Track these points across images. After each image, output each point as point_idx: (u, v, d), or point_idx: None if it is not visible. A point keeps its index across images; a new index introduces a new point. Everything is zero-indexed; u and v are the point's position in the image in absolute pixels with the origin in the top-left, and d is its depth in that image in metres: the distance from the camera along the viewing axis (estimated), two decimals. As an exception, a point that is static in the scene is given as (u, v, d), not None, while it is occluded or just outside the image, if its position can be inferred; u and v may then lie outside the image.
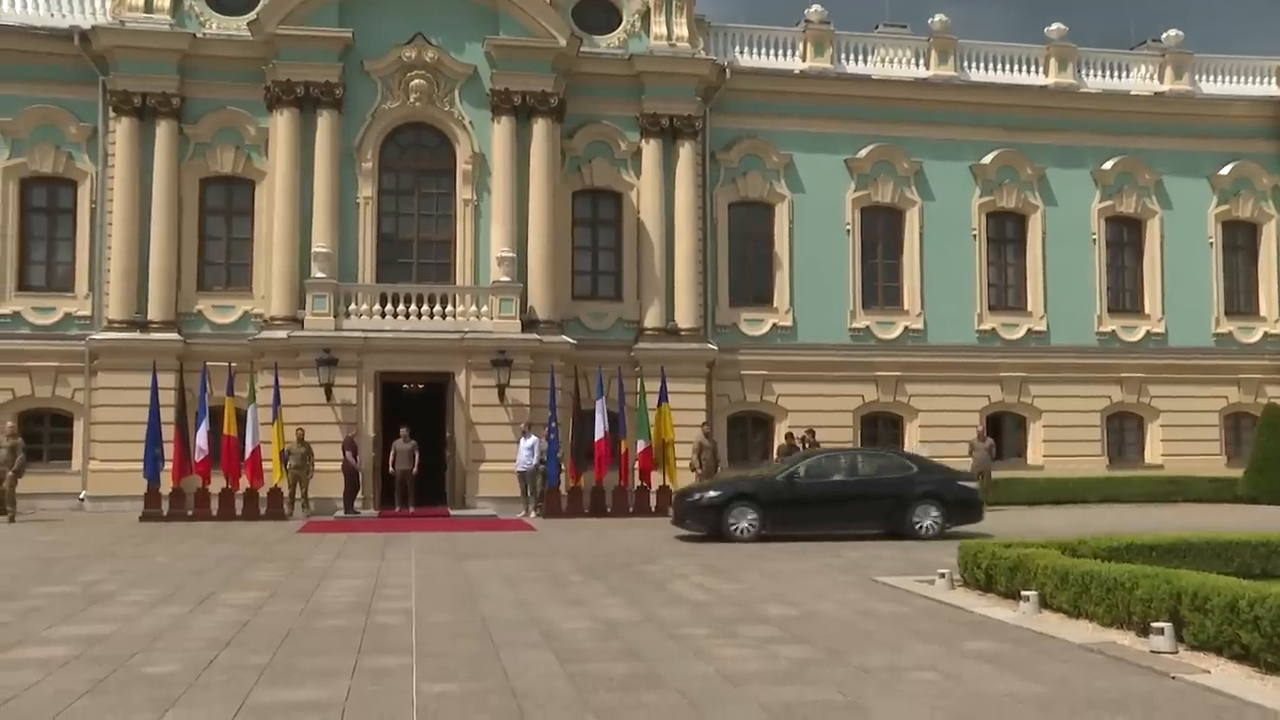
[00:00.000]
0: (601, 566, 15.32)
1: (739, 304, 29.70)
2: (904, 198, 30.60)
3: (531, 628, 10.23)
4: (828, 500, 19.38)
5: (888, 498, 19.41)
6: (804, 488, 19.39)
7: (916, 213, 30.63)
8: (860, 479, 19.83)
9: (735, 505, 18.99)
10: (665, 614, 11.06)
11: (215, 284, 27.49)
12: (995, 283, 31.30)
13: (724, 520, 18.87)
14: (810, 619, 10.73)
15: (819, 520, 19.22)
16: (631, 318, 28.75)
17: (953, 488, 19.82)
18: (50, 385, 26.59)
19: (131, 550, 17.67)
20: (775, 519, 19.07)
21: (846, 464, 20.26)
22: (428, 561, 15.95)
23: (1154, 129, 31.92)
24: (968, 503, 19.88)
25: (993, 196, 31.08)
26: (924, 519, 19.32)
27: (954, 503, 19.61)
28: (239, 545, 18.39)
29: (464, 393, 26.44)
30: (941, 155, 30.70)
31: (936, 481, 19.78)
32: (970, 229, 30.89)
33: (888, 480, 19.75)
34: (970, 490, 20.14)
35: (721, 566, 15.19)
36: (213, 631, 10.04)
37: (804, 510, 19.25)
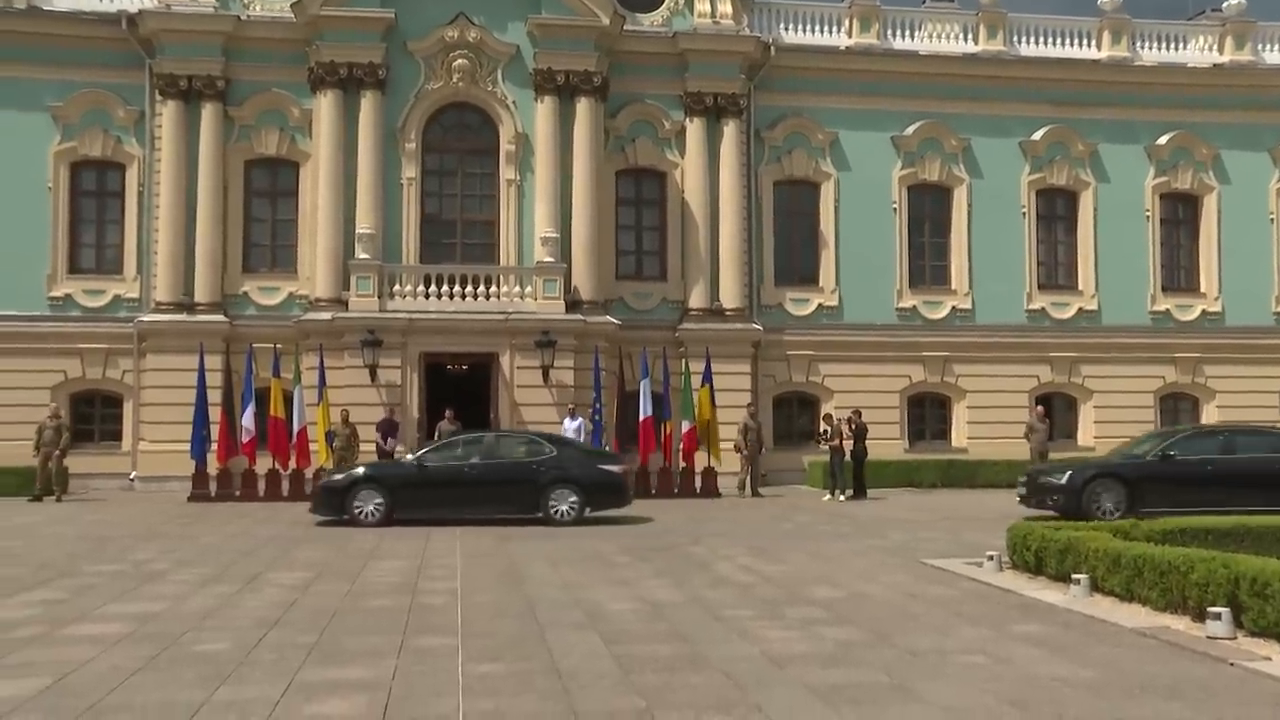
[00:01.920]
0: (646, 548, 15.36)
1: (784, 284, 29.61)
2: (952, 175, 30.33)
3: (576, 608, 10.28)
4: (457, 484, 18.96)
5: (522, 482, 19.05)
6: (434, 471, 19.02)
7: (964, 190, 30.35)
8: (493, 462, 19.39)
9: (362, 488, 18.71)
10: (710, 595, 11.09)
11: (260, 266, 27.78)
12: (1045, 261, 30.98)
13: (349, 501, 18.62)
14: (856, 601, 10.72)
15: (448, 504, 18.86)
16: (676, 298, 28.74)
17: (592, 471, 19.28)
18: (100, 367, 27.03)
19: (180, 530, 17.94)
20: (403, 502, 18.73)
21: (482, 447, 19.82)
22: (472, 543, 16.05)
23: (1212, 102, 31.31)
24: (609, 486, 19.30)
25: (1043, 173, 30.72)
26: (560, 503, 18.89)
27: (593, 487, 19.07)
28: (285, 526, 18.64)
29: (508, 374, 26.56)
30: (990, 132, 30.37)
31: (574, 465, 19.25)
32: (1019, 206, 30.57)
33: (522, 464, 19.31)
34: (611, 474, 19.44)
35: (766, 548, 15.19)
36: (261, 610, 10.19)
37: (432, 493, 18.83)
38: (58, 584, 11.92)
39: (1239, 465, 18.88)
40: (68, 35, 27.25)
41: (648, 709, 6.76)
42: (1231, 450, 19.29)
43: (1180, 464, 18.91)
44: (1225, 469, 18.78)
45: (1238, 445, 19.52)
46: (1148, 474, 18.85)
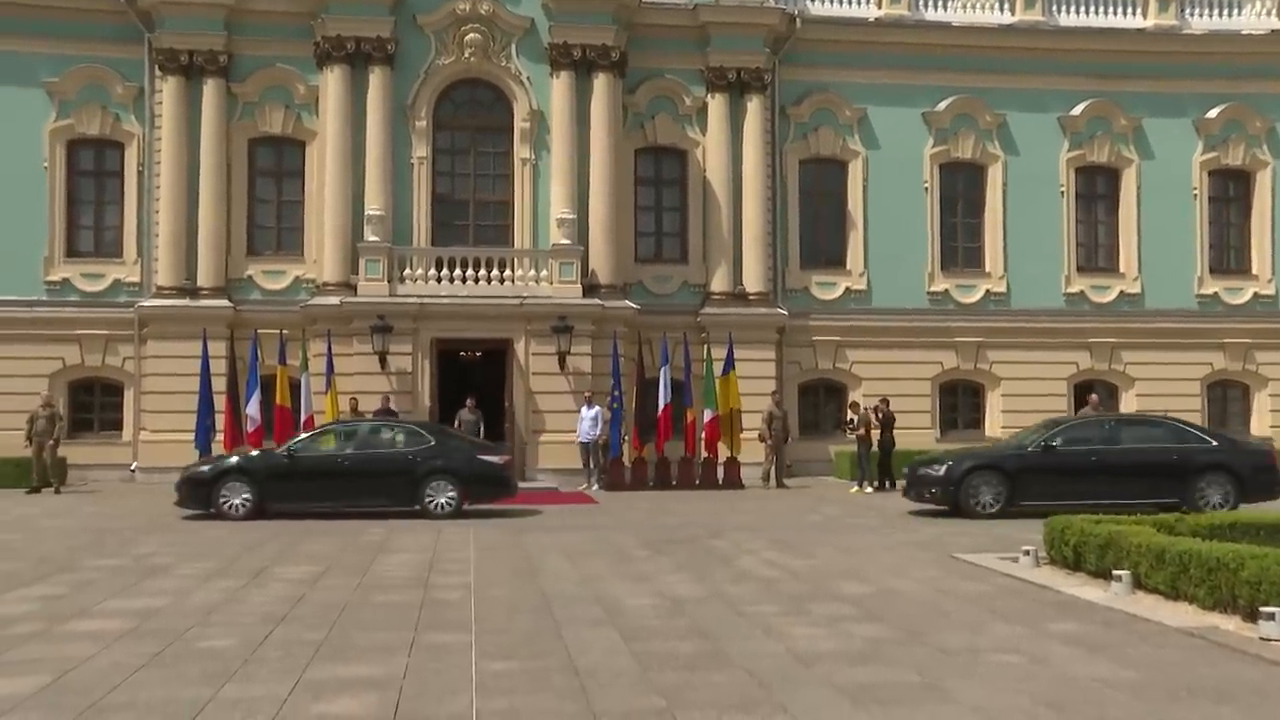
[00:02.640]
0: (666, 541, 15.40)
1: (810, 267, 29.53)
2: (986, 153, 30.15)
3: (594, 604, 10.32)
4: (331, 475, 18.96)
5: (398, 473, 19.01)
6: (306, 462, 18.98)
7: (999, 169, 30.17)
8: (368, 453, 19.36)
9: (230, 480, 18.74)
10: (733, 590, 11.11)
11: (265, 248, 27.85)
12: (1084, 242, 30.74)
13: (215, 494, 18.64)
14: (886, 597, 10.72)
15: (321, 496, 18.83)
16: (697, 281, 28.71)
17: (472, 462, 19.27)
18: (100, 354, 27.14)
19: (183, 523, 18.07)
20: (274, 494, 18.73)
21: (357, 437, 19.79)
22: (486, 536, 16.12)
23: (1268, 71, 30.77)
24: (489, 478, 19.28)
25: (1082, 150, 30.49)
26: (438, 495, 18.88)
27: (472, 478, 19.07)
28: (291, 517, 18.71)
29: (523, 360, 26.60)
30: (1027, 107, 30.13)
31: (453, 455, 19.22)
32: (1058, 185, 30.37)
33: (398, 454, 19.27)
34: (491, 465, 19.41)
35: (791, 541, 15.19)
36: (267, 606, 10.25)
37: (304, 485, 18.80)
38: (57, 579, 12.02)
39: (1123, 455, 18.95)
40: (63, 7, 27.22)
41: (668, 709, 6.78)
42: (1116, 440, 19.35)
43: (1063, 455, 18.92)
44: (1110, 460, 18.86)
45: (1123, 435, 19.58)
46: (1029, 466, 18.83)
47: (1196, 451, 19.00)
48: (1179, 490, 18.52)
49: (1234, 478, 18.70)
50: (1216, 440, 19.58)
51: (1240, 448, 19.79)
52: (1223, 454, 19.06)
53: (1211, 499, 18.55)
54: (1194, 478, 18.65)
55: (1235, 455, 19.17)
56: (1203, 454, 18.96)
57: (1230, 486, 18.62)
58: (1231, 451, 19.28)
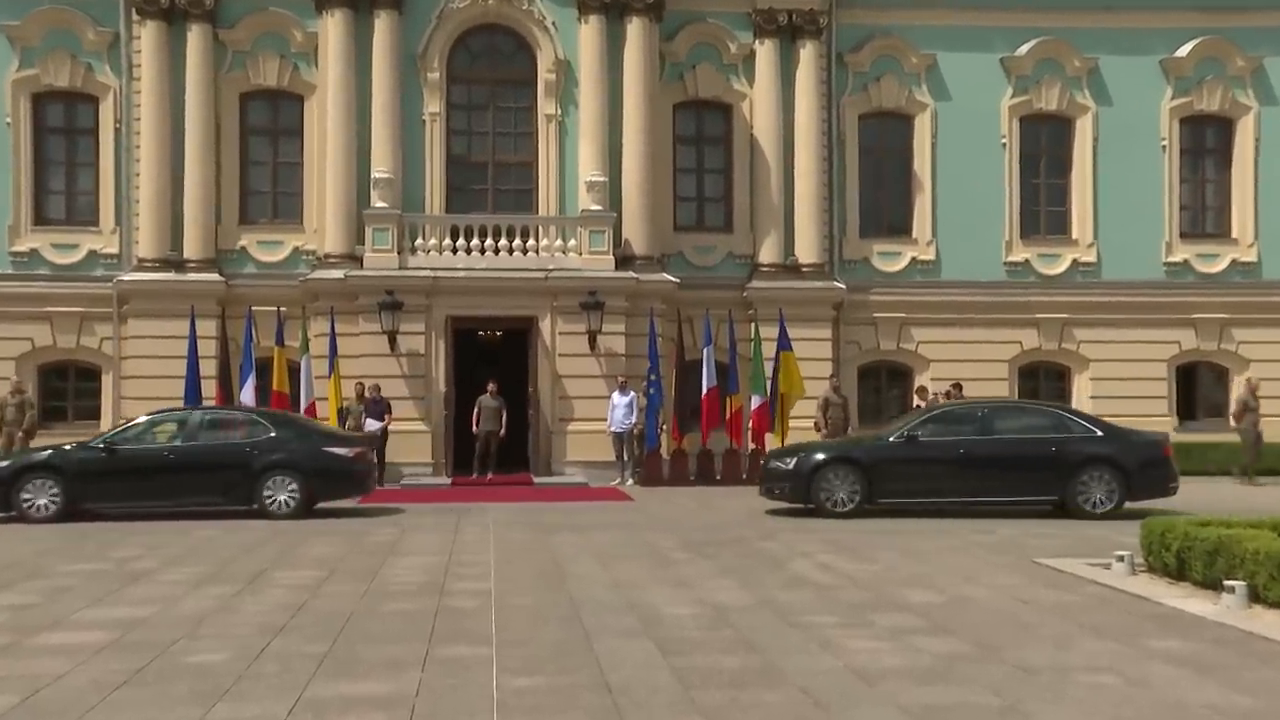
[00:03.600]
0: (709, 542, 15.40)
1: (871, 235, 29.39)
2: (1074, 103, 29.85)
3: (628, 613, 10.32)
4: (155, 471, 18.86)
5: (232, 467, 18.94)
6: (126, 457, 18.91)
7: (1089, 121, 29.86)
8: (198, 445, 19.27)
9: (33, 477, 18.61)
10: (785, 598, 11.09)
11: (260, 216, 27.99)
12: (1189, 205, 30.37)
13: (14, 493, 18.54)
14: (958, 606, 10.67)
15: (143, 494, 18.77)
16: (744, 252, 28.64)
17: (317, 455, 19.15)
18: (74, 334, 27.36)
19: (170, 522, 18.19)
20: (86, 493, 18.68)
21: (186, 428, 19.65)
22: (508, 536, 16.17)
23: None
24: (337, 473, 19.21)
25: (1189, 97, 30.03)
26: (278, 493, 18.80)
27: (317, 473, 18.98)
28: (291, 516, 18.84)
29: (549, 341, 26.63)
30: (1123, 49, 29.73)
31: (295, 447, 19.10)
32: (1158, 139, 29.98)
33: (233, 447, 19.20)
34: (339, 458, 19.32)
35: (852, 544, 15.16)
36: (264, 615, 10.31)
37: (124, 482, 18.71)
38: (26, 586, 12.13)
39: (995, 448, 18.97)
40: (24, -60, 27.39)
41: (713, 731, 6.77)
42: (988, 430, 19.34)
43: (926, 447, 18.95)
44: (979, 452, 18.87)
45: (996, 425, 19.54)
46: (888, 458, 18.91)
47: (1078, 443, 18.95)
48: (1058, 487, 18.61)
49: (1120, 473, 18.69)
50: (1103, 430, 19.44)
51: (1130, 439, 19.61)
52: (1108, 446, 18.96)
53: (1093, 497, 18.60)
54: (1075, 473, 18.64)
55: (1122, 447, 19.02)
56: (1085, 446, 18.91)
57: (1115, 483, 18.64)
58: (1118, 443, 19.13)
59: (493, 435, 25.75)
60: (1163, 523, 12.40)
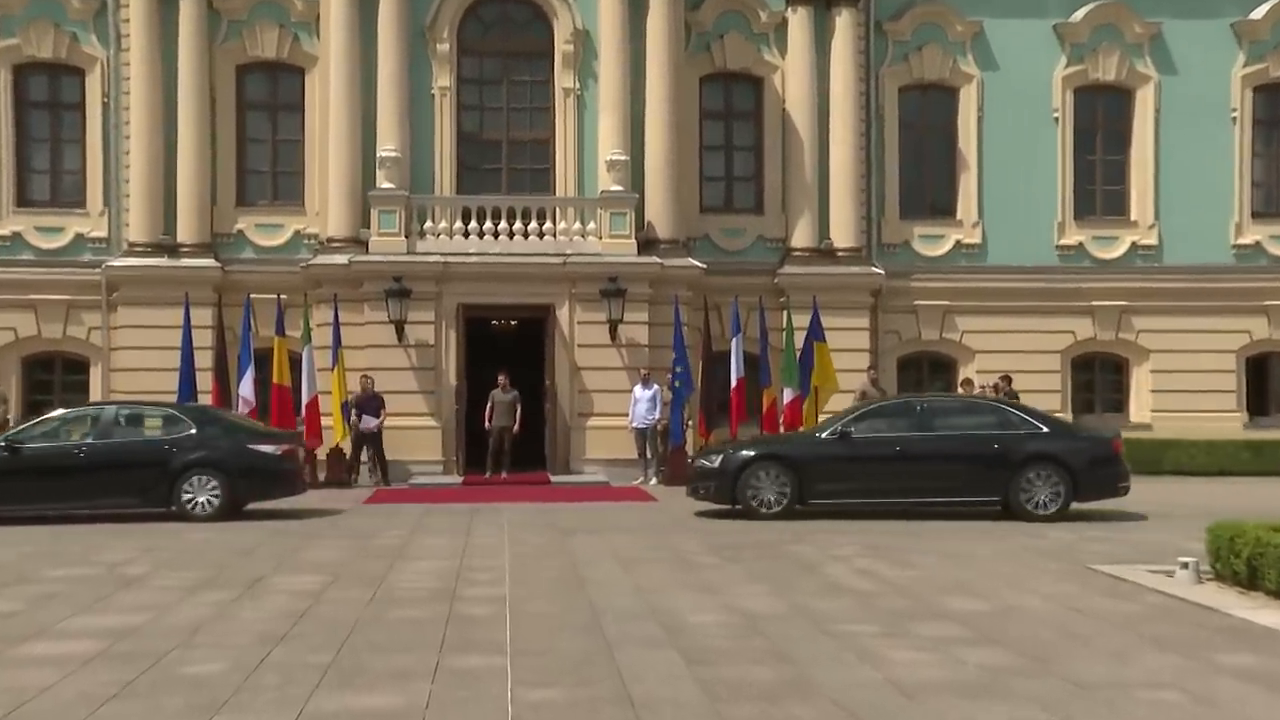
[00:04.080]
0: (738, 546, 15.40)
1: (912, 216, 29.35)
2: (1134, 73, 29.69)
3: (652, 620, 10.33)
4: (63, 471, 18.72)
5: (149, 466, 18.82)
6: (31, 456, 18.80)
7: (1151, 92, 29.70)
8: (111, 443, 19.16)
9: None
10: (819, 605, 11.08)
11: (259, 198, 28.09)
12: (1262, 181, 30.15)
13: None
14: (1005, 616, 10.63)
15: (49, 496, 18.68)
16: (775, 235, 28.62)
17: (241, 452, 19.08)
18: (60, 323, 27.50)
19: (163, 524, 18.24)
20: None
21: (99, 424, 19.55)
22: (524, 539, 16.20)
23: None
24: (263, 472, 19.14)
25: (1264, 64, 29.76)
26: (198, 493, 18.71)
27: (241, 472, 18.90)
28: (293, 518, 18.91)
29: (567, 330, 26.66)
30: (1189, 12, 29.55)
31: (218, 445, 19.02)
32: (1228, 110, 29.78)
33: (150, 444, 19.12)
34: (265, 456, 19.23)
35: (889, 547, 15.14)
36: (264, 623, 10.34)
37: (27, 483, 18.57)
38: (12, 592, 12.18)
39: (934, 445, 19.01)
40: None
41: (742, 748, 6.77)
42: (927, 427, 19.36)
43: (860, 444, 18.98)
44: (917, 450, 18.91)
45: (935, 421, 19.53)
46: (819, 456, 18.98)
47: (1022, 440, 18.92)
48: (1000, 487, 18.61)
49: (1065, 471, 18.64)
50: (1049, 426, 19.43)
51: (1077, 435, 19.69)
52: (1053, 443, 18.95)
53: (1038, 497, 18.56)
54: (1018, 472, 18.62)
55: (1069, 445, 19.05)
56: (1029, 443, 18.88)
57: (1061, 482, 18.59)
58: (1065, 440, 19.15)
59: (506, 431, 25.79)
60: (1231, 527, 12.29)
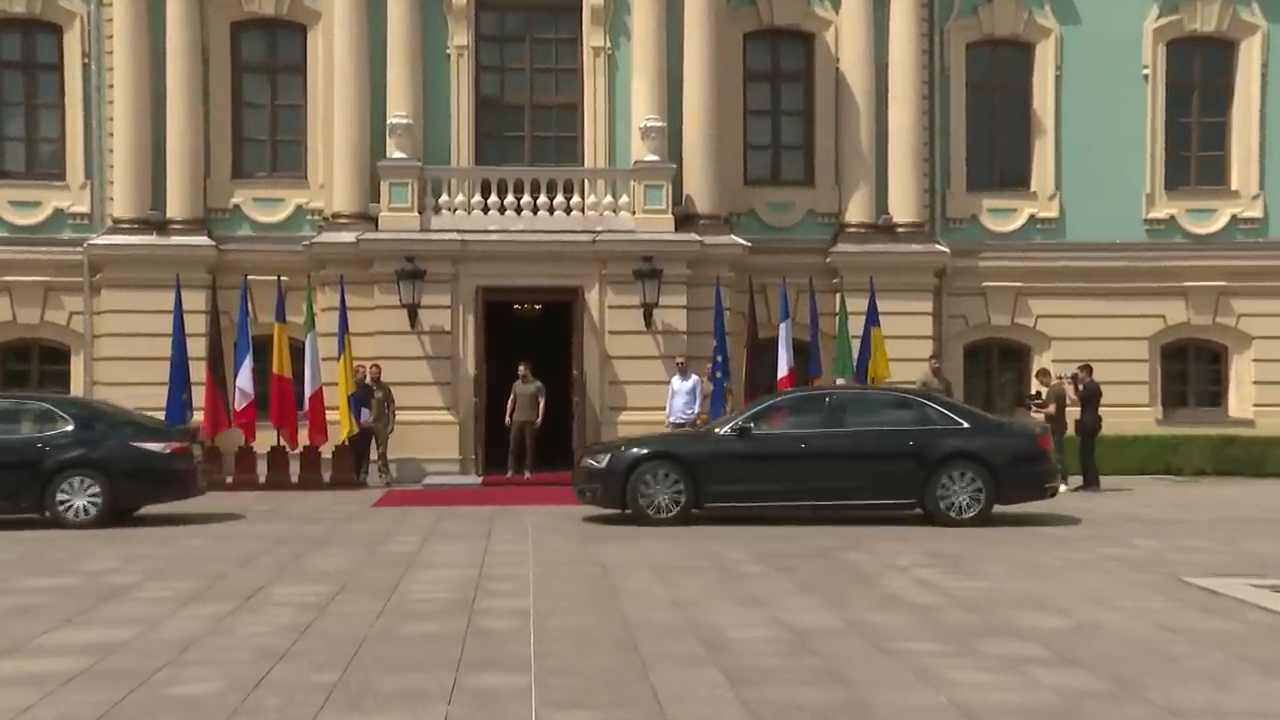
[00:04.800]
0: (787, 553, 15.40)
1: (981, 188, 29.28)
2: (1238, 22, 29.49)
3: (691, 636, 10.34)
4: None
5: (19, 467, 18.52)
6: None
7: (1257, 44, 29.50)
8: None
9: None
10: (877, 620, 11.06)
11: (257, 169, 28.19)
12: (1384, 145, 29.89)
13: None
14: (1086, 633, 10.59)
15: None
16: (828, 209, 28.59)
17: (127, 452, 18.86)
18: (38, 308, 27.65)
19: (152, 529, 18.36)
20: None
21: None
22: (550, 545, 16.25)
23: None
24: (150, 473, 18.91)
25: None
26: (75, 498, 18.49)
27: (124, 474, 18.70)
28: (296, 522, 19.02)
29: (596, 316, 26.69)
30: (1301, -52, 29.34)
31: (99, 443, 18.83)
32: (1351, 62, 29.52)
33: (20, 444, 18.84)
34: (152, 455, 18.94)
35: (954, 555, 15.12)
36: (263, 638, 10.39)
37: None
38: (-10, 601, 12.29)
39: (844, 443, 19.04)
40: None
41: (792, 777, 6.77)
42: (835, 422, 19.38)
43: (762, 441, 19.06)
44: (826, 448, 18.92)
45: (844, 416, 19.57)
46: (717, 455, 18.98)
47: (940, 436, 19.02)
48: (916, 488, 18.68)
49: (987, 471, 18.72)
50: (970, 421, 19.41)
51: (1001, 431, 19.66)
52: (973, 439, 19.00)
53: (956, 500, 18.57)
54: (935, 472, 18.65)
55: (991, 441, 19.08)
56: (947, 439, 18.97)
57: (982, 483, 18.65)
58: (986, 436, 19.14)
59: (528, 426, 25.85)
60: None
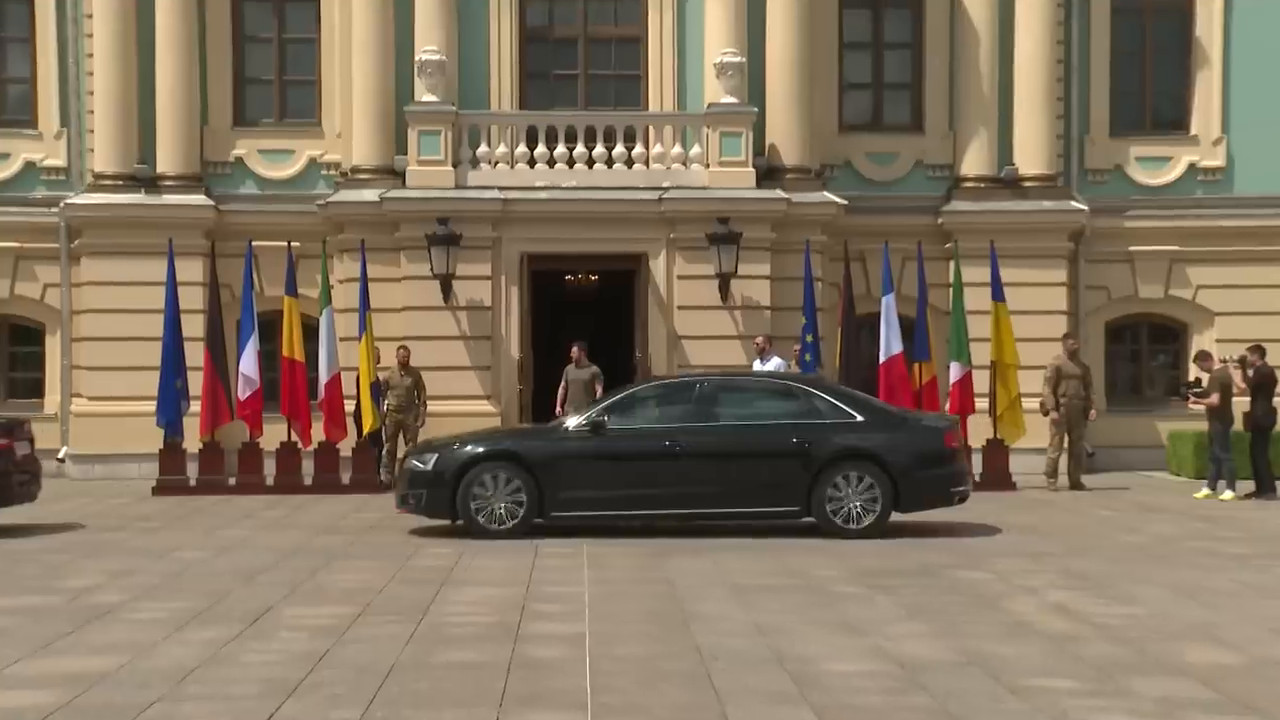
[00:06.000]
0: (890, 570, 15.39)
1: (1128, 132, 29.14)
2: None
3: (777, 669, 10.33)
4: None
5: None
6: None
7: None
8: None
9: None
10: (1000, 652, 11.02)
11: (262, 115, 28.37)
12: None
13: None
14: (1263, 671, 10.49)
15: None
16: (940, 160, 28.55)
17: None
18: (7, 279, 28.02)
19: (142, 540, 18.48)
20: None
21: None
22: (608, 558, 16.29)
23: None
24: None
25: None
26: None
27: None
28: (310, 531, 19.11)
29: (663, 288, 26.70)
30: None
31: None
32: None
33: None
34: None
35: (1095, 575, 15.02)
36: (272, 668, 10.45)
37: None
38: (-48, 624, 12.42)
39: (717, 441, 19.02)
40: None
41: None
42: (706, 415, 19.27)
43: (619, 440, 19.00)
44: (692, 446, 18.80)
45: (717, 408, 19.44)
46: (565, 455, 18.93)
47: (829, 431, 18.95)
48: (800, 494, 18.56)
49: (884, 473, 18.62)
50: (865, 414, 19.29)
51: (902, 425, 19.50)
52: (869, 435, 18.95)
53: (847, 507, 18.43)
54: (823, 474, 18.57)
55: (888, 437, 19.00)
56: (838, 435, 18.92)
57: (879, 488, 18.55)
58: (884, 430, 19.04)
59: (583, 416, 25.91)
60: None
